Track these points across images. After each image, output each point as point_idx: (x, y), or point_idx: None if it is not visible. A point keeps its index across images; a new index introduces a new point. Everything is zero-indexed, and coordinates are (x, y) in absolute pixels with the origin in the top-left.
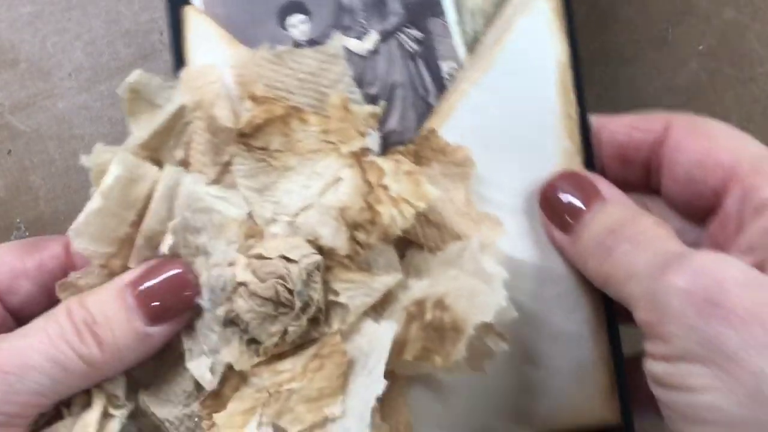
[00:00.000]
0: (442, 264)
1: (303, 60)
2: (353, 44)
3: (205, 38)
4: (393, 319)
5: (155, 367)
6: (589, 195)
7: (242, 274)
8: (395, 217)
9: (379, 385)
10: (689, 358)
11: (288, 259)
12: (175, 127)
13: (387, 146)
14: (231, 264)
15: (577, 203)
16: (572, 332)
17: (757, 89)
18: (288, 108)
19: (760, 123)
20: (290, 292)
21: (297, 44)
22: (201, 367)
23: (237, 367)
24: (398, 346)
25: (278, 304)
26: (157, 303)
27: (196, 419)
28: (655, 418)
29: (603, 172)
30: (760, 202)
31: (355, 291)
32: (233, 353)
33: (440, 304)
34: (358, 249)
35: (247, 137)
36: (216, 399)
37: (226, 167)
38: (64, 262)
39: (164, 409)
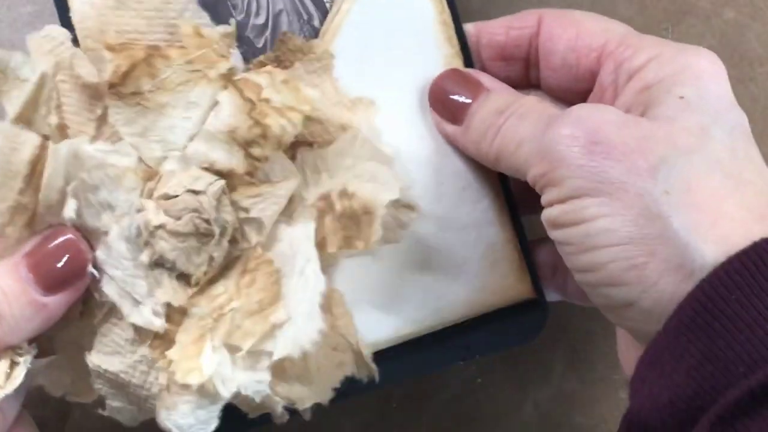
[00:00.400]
0: (336, 156)
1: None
2: None
3: None
4: (305, 218)
5: (86, 330)
6: (474, 87)
7: (156, 218)
8: (285, 126)
9: (320, 281)
10: (580, 193)
11: (195, 192)
12: (41, 95)
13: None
14: (139, 210)
15: (464, 98)
16: (479, 220)
17: (757, 89)
18: (147, 49)
19: (760, 123)
20: (206, 221)
21: None
22: (144, 315)
23: (175, 303)
24: (319, 242)
25: (199, 236)
26: (51, 270)
27: (147, 363)
28: (554, 297)
29: (485, 71)
30: (631, 70)
31: (263, 203)
32: (168, 292)
33: (345, 194)
34: (256, 164)
35: (116, 87)
36: (163, 338)
37: (102, 121)
38: None
39: (114, 360)
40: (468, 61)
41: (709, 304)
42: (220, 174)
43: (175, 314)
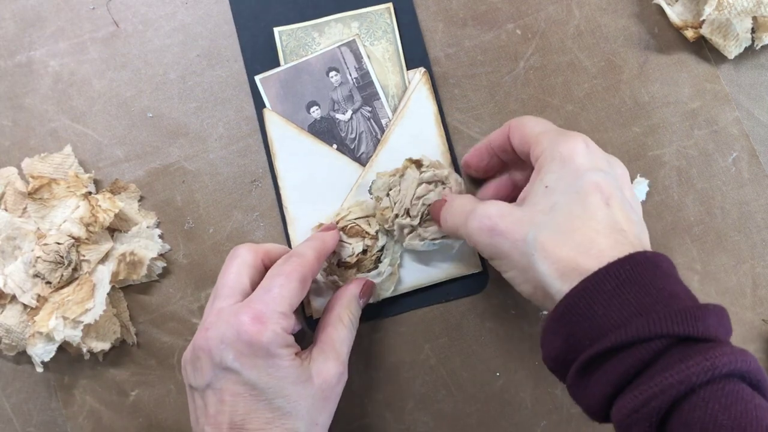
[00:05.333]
0: (130, 236)
1: (51, 159)
2: (340, 116)
3: (272, 121)
4: (111, 262)
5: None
6: (439, 203)
7: (38, 253)
8: (106, 218)
9: (106, 290)
10: (493, 258)
11: (59, 243)
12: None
13: (361, 162)
14: (33, 250)
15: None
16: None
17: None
18: (49, 179)
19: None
20: (62, 257)
21: (315, 121)
22: (27, 299)
23: (43, 294)
24: (115, 274)
25: (57, 263)
26: None
27: (25, 322)
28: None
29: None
30: (534, 159)
31: (92, 253)
32: (39, 289)
33: (132, 253)
34: (91, 235)
35: (32, 194)
36: (34, 310)
37: (25, 209)
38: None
39: (9, 320)
40: (452, 155)
41: (565, 309)
42: (74, 238)
43: (42, 300)
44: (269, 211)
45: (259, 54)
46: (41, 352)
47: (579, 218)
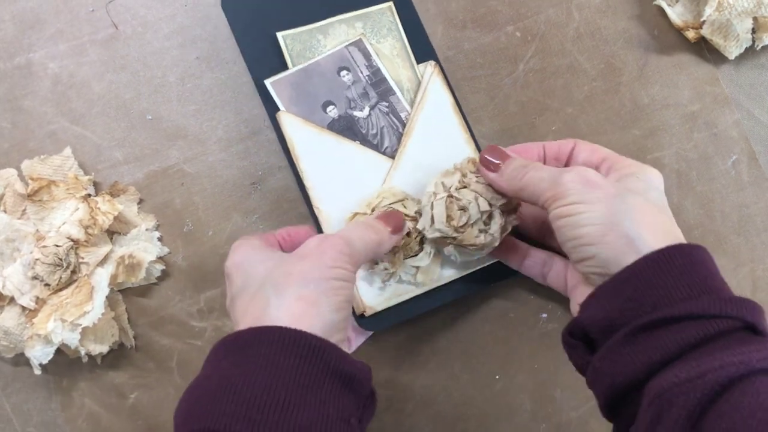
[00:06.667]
0: (129, 239)
1: (50, 161)
2: (358, 113)
3: (290, 123)
4: (109, 265)
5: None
6: (503, 155)
7: (37, 255)
8: (105, 220)
9: (105, 293)
10: (577, 201)
11: (57, 246)
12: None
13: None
14: (32, 252)
15: (498, 160)
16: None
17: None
18: (49, 181)
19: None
20: (61, 260)
21: (333, 120)
22: (26, 301)
23: (41, 297)
24: (114, 277)
25: (56, 266)
26: None
27: (23, 324)
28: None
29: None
30: (617, 168)
31: (91, 256)
32: (38, 291)
33: (131, 255)
34: (90, 237)
35: (32, 196)
36: (33, 312)
37: (24, 211)
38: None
39: (8, 321)
40: (474, 140)
41: (635, 272)
42: (73, 240)
43: (40, 302)
44: (269, 213)
45: (264, 58)
46: (39, 354)
47: (664, 207)
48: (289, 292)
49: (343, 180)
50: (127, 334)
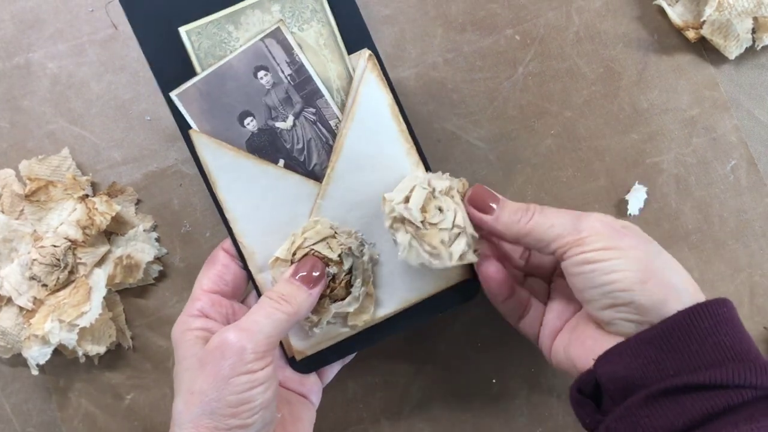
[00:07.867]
0: (127, 239)
1: (48, 161)
2: (281, 125)
3: (203, 144)
4: (107, 265)
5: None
6: (494, 197)
7: (35, 255)
8: (103, 221)
9: (102, 293)
10: (605, 247)
11: (55, 246)
12: None
13: (315, 176)
14: (29, 253)
15: (490, 201)
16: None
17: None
18: (47, 181)
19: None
20: (58, 260)
21: (252, 134)
22: (23, 301)
23: (39, 297)
24: (111, 277)
25: (54, 266)
26: None
27: (21, 324)
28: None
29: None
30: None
31: (88, 256)
32: (35, 291)
33: (128, 256)
34: (87, 238)
35: (29, 196)
36: (30, 313)
37: (22, 211)
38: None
39: (6, 321)
40: (421, 154)
41: (664, 332)
42: (70, 240)
43: (38, 303)
44: None
45: (168, 63)
46: (37, 354)
47: (670, 261)
48: (187, 421)
49: (268, 210)
50: (124, 335)
